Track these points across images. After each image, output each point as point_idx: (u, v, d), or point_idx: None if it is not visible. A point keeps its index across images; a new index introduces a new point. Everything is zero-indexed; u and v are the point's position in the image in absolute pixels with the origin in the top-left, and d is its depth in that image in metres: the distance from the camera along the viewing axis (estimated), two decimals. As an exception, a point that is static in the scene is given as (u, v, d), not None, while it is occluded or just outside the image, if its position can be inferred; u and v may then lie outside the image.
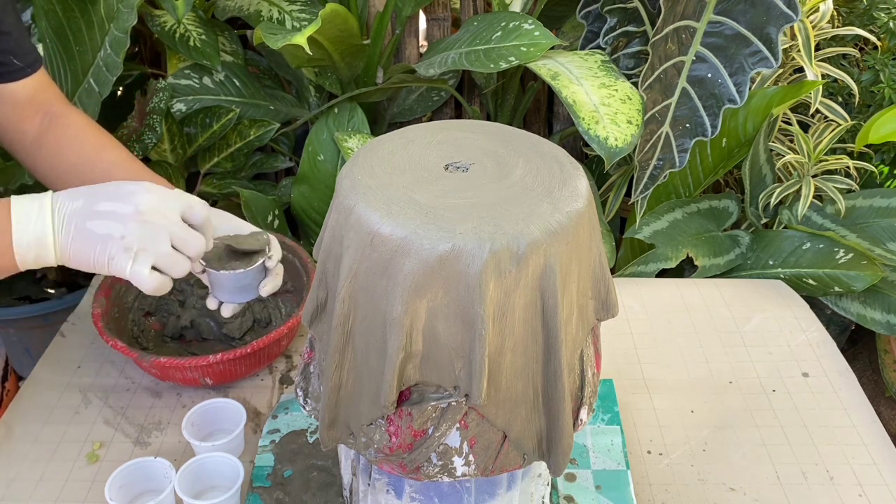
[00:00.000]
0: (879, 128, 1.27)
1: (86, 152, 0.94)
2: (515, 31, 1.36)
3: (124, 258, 0.72)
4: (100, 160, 0.94)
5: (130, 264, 0.73)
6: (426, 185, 0.59)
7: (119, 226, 0.73)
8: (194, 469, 0.83)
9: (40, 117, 0.95)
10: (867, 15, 1.47)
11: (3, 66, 0.90)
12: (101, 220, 0.73)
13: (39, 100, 0.95)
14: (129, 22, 1.23)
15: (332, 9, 1.27)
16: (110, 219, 0.73)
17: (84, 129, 0.96)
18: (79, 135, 0.95)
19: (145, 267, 0.73)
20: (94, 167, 0.93)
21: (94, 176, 0.91)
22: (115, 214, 0.73)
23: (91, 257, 0.73)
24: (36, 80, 0.94)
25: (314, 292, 0.62)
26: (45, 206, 0.73)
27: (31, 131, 0.95)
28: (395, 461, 0.61)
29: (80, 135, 0.95)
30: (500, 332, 0.55)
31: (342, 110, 1.52)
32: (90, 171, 0.93)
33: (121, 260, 0.72)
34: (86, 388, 1.01)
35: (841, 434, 0.95)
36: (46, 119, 0.95)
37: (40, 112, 0.95)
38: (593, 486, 0.85)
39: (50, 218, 0.73)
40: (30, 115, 0.94)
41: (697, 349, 1.09)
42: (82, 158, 0.94)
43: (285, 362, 1.05)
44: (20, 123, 0.94)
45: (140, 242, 0.73)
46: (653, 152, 1.32)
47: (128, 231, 0.72)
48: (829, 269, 1.31)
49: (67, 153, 0.94)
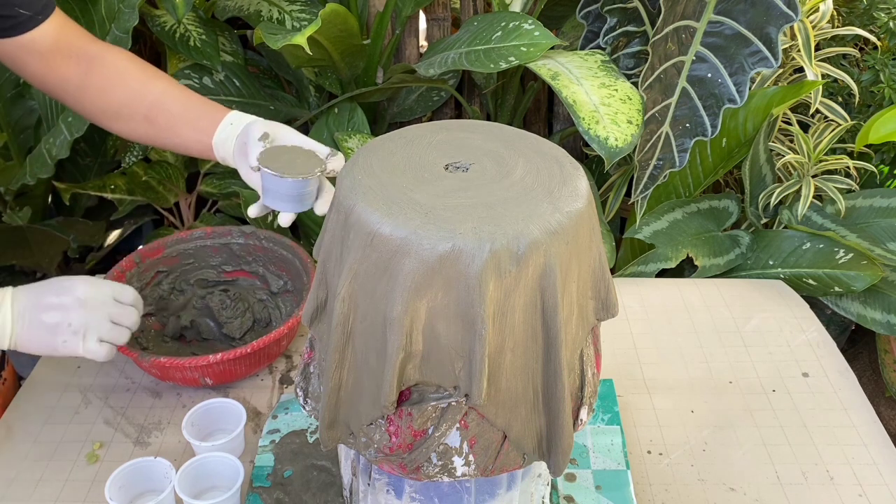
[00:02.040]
0: (879, 128, 1.27)
1: (133, 87, 0.95)
2: (515, 31, 1.36)
3: (75, 340, 0.85)
4: (148, 92, 0.95)
5: (82, 343, 0.85)
6: (426, 185, 0.59)
7: (65, 314, 0.84)
8: (194, 469, 0.83)
9: (74, 62, 0.94)
10: (867, 15, 1.47)
11: (11, 18, 0.89)
12: (51, 311, 0.84)
13: (65, 45, 0.94)
14: (130, 22, 1.23)
15: (332, 9, 1.27)
16: (57, 310, 0.84)
17: (126, 66, 0.96)
18: (122, 72, 0.95)
19: (93, 343, 0.86)
20: (144, 99, 0.95)
21: (146, 109, 0.94)
22: (61, 306, 0.85)
23: (45, 343, 0.85)
24: (54, 25, 0.93)
25: (314, 292, 0.62)
26: (6, 302, 0.84)
27: (72, 78, 0.94)
28: (395, 461, 0.61)
29: (123, 72, 0.95)
30: (500, 332, 0.55)
31: (342, 110, 1.52)
32: (140, 104, 0.95)
33: (72, 342, 0.85)
34: (86, 388, 1.01)
35: (841, 434, 0.95)
36: (84, 63, 0.94)
37: (72, 57, 0.94)
38: (593, 486, 0.85)
39: (10, 313, 0.83)
40: (61, 62, 0.94)
41: (697, 349, 1.09)
42: (130, 94, 0.95)
43: (285, 362, 1.05)
44: (57, 72, 0.94)
45: (85, 325, 0.85)
46: (653, 152, 1.32)
47: (73, 318, 0.85)
48: (829, 269, 1.31)
49: (114, 92, 0.95)
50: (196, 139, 0.95)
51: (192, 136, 0.95)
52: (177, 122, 0.95)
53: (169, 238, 1.09)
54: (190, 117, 0.95)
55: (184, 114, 0.95)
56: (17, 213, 1.45)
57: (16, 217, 1.44)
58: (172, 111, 0.95)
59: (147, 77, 0.96)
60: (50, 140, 1.27)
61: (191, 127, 0.95)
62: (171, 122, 0.95)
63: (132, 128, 0.97)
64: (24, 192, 1.46)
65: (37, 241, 1.42)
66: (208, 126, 0.94)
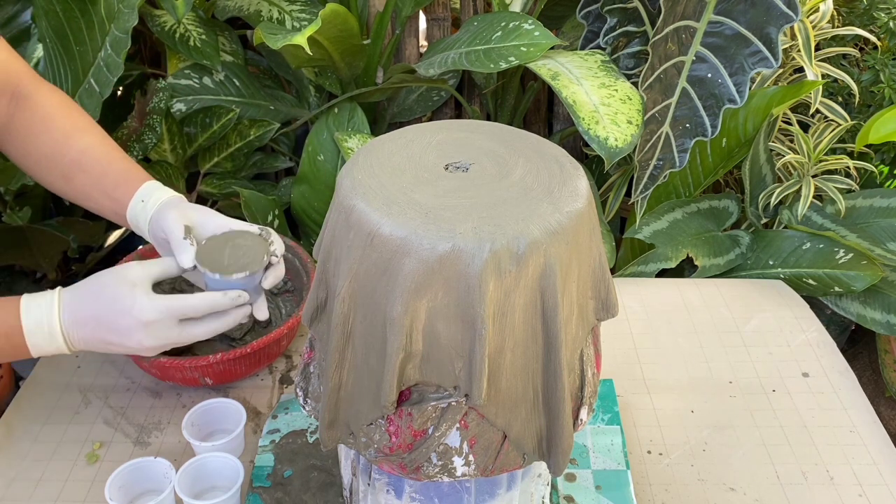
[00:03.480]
0: (879, 128, 1.27)
1: (54, 139, 0.88)
2: (515, 31, 1.36)
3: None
4: (69, 148, 0.88)
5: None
6: (426, 185, 0.59)
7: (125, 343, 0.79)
8: (194, 469, 0.83)
9: (6, 100, 0.88)
10: (867, 15, 1.47)
11: None
12: (111, 346, 0.80)
13: (1, 78, 0.87)
14: (129, 22, 1.23)
15: (332, 9, 1.27)
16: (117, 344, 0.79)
17: (52, 114, 0.89)
18: (46, 120, 0.88)
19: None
20: (64, 156, 0.88)
21: (64, 167, 0.87)
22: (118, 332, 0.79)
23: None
24: None
25: (314, 292, 0.62)
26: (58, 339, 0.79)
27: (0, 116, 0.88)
28: (395, 461, 0.61)
29: (48, 120, 0.88)
30: (500, 331, 0.55)
31: (342, 110, 1.52)
32: (60, 160, 0.88)
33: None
34: (86, 388, 1.01)
35: (841, 434, 0.95)
36: (14, 102, 0.88)
37: (5, 94, 0.88)
38: (593, 486, 0.85)
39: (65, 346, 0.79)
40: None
41: (697, 349, 1.09)
42: (51, 147, 0.88)
43: (285, 362, 1.05)
44: None
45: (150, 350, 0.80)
46: (653, 152, 1.32)
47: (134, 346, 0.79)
48: (829, 269, 1.31)
49: (36, 142, 0.88)
50: (111, 209, 0.89)
51: (106, 205, 0.89)
52: (93, 187, 0.88)
53: (169, 238, 1.08)
54: (106, 185, 0.88)
55: (100, 179, 0.88)
56: (17, 213, 1.45)
57: (16, 217, 1.44)
58: (90, 173, 0.88)
59: (71, 129, 0.89)
60: (50, 140, 1.27)
61: (105, 196, 0.88)
62: (87, 186, 0.88)
63: (51, 182, 0.90)
64: (24, 192, 1.46)
65: (37, 241, 1.41)
66: (122, 197, 0.87)
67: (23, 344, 0.77)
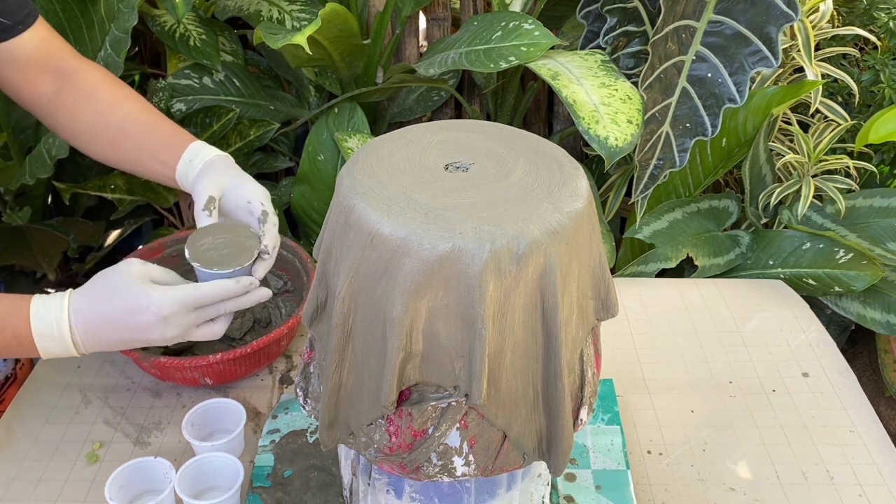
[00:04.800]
0: (879, 128, 1.27)
1: (100, 109, 0.91)
2: (515, 30, 1.36)
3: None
4: (114, 116, 0.91)
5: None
6: (426, 185, 0.59)
7: (143, 337, 0.80)
8: (194, 469, 0.83)
9: (51, 77, 0.91)
10: (867, 15, 1.47)
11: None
12: (129, 343, 0.81)
13: (43, 57, 0.90)
14: (129, 22, 1.23)
15: (332, 9, 1.27)
16: (134, 341, 0.80)
17: (96, 85, 0.92)
18: (91, 92, 0.91)
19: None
20: (110, 124, 0.91)
21: (111, 135, 0.91)
22: (144, 341, 0.80)
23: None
24: (34, 36, 0.89)
25: (314, 292, 0.62)
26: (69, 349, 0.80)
27: (45, 92, 0.91)
28: (395, 461, 0.61)
29: (93, 91, 0.91)
30: (500, 332, 0.55)
31: (342, 110, 1.52)
32: (106, 128, 0.91)
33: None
34: (86, 387, 1.01)
35: (841, 434, 0.95)
36: (59, 78, 0.91)
37: (49, 71, 0.91)
38: (593, 486, 0.85)
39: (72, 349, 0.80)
40: (37, 75, 0.91)
41: (697, 349, 1.09)
42: (97, 117, 0.91)
43: (285, 362, 1.05)
44: (31, 85, 0.91)
45: (171, 339, 0.80)
46: (653, 152, 1.32)
47: (154, 338, 0.80)
48: (829, 269, 1.31)
49: (82, 114, 0.91)
50: (162, 173, 0.92)
51: (157, 169, 0.92)
52: (140, 152, 0.91)
53: (169, 238, 1.08)
54: (152, 148, 0.91)
55: (146, 142, 0.91)
56: (17, 213, 1.45)
57: (16, 217, 1.44)
58: (136, 138, 0.91)
59: (116, 99, 0.92)
60: (49, 140, 1.26)
61: (154, 159, 0.91)
62: (134, 150, 0.92)
63: (99, 152, 0.94)
64: (23, 192, 1.46)
65: (37, 241, 1.41)
66: (170, 160, 0.90)
67: (32, 345, 0.78)
